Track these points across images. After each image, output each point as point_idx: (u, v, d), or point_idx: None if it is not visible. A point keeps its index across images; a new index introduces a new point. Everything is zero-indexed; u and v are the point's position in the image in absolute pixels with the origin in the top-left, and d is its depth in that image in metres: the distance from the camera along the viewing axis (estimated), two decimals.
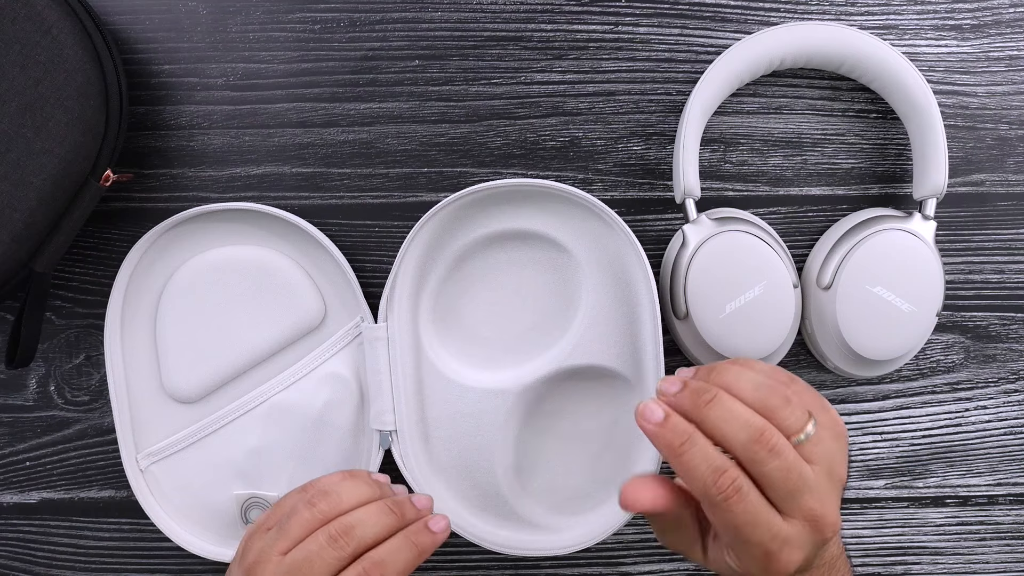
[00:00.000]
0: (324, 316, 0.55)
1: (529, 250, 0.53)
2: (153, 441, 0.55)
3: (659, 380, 0.42)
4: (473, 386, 0.53)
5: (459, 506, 0.54)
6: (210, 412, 0.55)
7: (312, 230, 0.52)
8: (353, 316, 0.54)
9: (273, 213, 0.53)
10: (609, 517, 0.53)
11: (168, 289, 0.54)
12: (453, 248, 0.53)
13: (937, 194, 0.50)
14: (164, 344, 0.54)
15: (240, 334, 0.54)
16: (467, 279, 0.54)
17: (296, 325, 0.54)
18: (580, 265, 0.52)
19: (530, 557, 0.56)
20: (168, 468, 0.55)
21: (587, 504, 0.54)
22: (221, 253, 0.54)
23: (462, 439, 0.53)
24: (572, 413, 0.54)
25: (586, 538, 0.53)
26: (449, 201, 0.51)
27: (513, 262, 0.53)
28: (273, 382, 0.54)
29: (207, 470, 0.55)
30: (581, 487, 0.55)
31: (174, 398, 0.55)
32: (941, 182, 0.49)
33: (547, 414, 0.54)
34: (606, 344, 0.52)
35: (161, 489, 0.55)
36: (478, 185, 0.51)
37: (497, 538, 0.54)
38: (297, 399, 0.54)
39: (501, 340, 0.54)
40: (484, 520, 0.54)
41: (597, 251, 0.52)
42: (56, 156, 0.47)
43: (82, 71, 0.47)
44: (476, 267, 0.54)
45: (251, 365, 0.55)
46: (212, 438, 0.55)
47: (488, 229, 0.52)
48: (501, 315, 0.54)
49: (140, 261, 0.54)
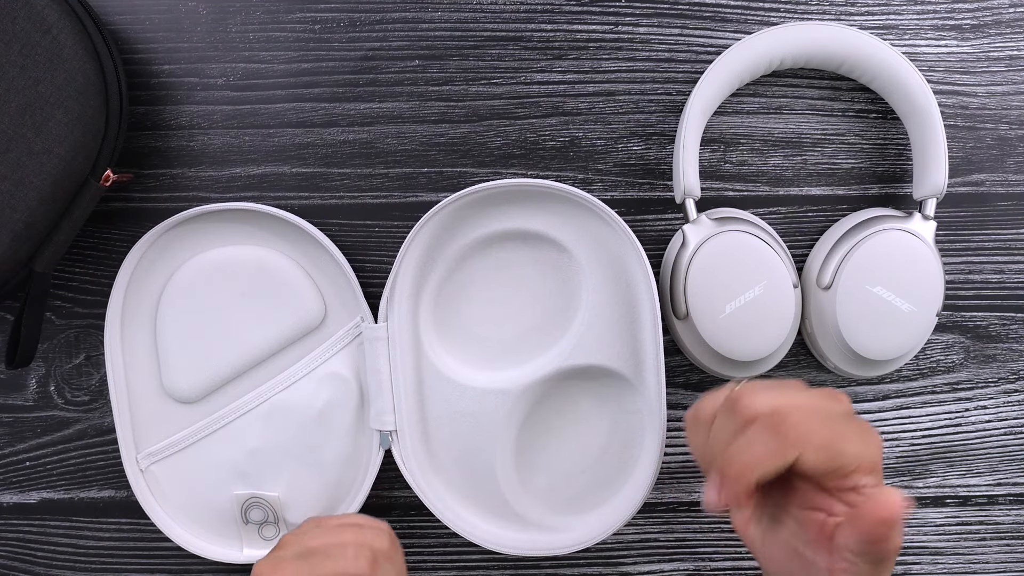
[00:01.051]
0: (324, 316, 0.55)
1: (529, 250, 0.53)
2: (153, 441, 0.55)
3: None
4: (473, 386, 0.53)
5: (459, 506, 0.54)
6: (210, 412, 0.55)
7: (312, 230, 0.52)
8: (353, 316, 0.54)
9: (273, 213, 0.53)
10: (609, 517, 0.53)
11: (168, 289, 0.54)
12: (453, 248, 0.53)
13: (937, 194, 0.50)
14: (164, 344, 0.54)
15: (240, 334, 0.54)
16: (467, 279, 0.54)
17: (296, 325, 0.54)
18: (580, 265, 0.52)
19: (530, 557, 0.56)
20: (168, 468, 0.55)
21: (587, 504, 0.54)
22: (221, 253, 0.54)
23: (462, 439, 0.53)
24: (572, 413, 0.54)
25: (586, 538, 0.53)
26: (449, 201, 0.51)
27: (513, 262, 0.53)
28: (273, 382, 0.54)
29: (207, 470, 0.55)
30: (581, 487, 0.55)
31: (174, 398, 0.55)
32: (941, 182, 0.49)
33: (547, 414, 0.54)
34: (606, 344, 0.52)
35: (161, 489, 0.55)
36: (478, 185, 0.51)
37: (497, 538, 0.54)
38: (297, 399, 0.54)
39: (501, 340, 0.54)
40: (484, 520, 0.54)
41: (597, 251, 0.52)
42: (56, 156, 0.47)
43: (82, 71, 0.47)
44: (476, 267, 0.53)
45: (251, 365, 0.55)
46: (212, 438, 0.55)
47: (488, 229, 0.52)
48: (501, 315, 0.54)
49: (140, 261, 0.54)
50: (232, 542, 0.55)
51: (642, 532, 0.56)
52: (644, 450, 0.53)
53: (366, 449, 0.55)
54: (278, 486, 0.55)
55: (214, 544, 0.55)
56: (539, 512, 0.54)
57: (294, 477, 0.54)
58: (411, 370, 0.53)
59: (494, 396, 0.53)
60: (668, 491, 0.56)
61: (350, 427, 0.54)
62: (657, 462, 0.51)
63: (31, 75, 0.47)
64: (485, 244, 0.53)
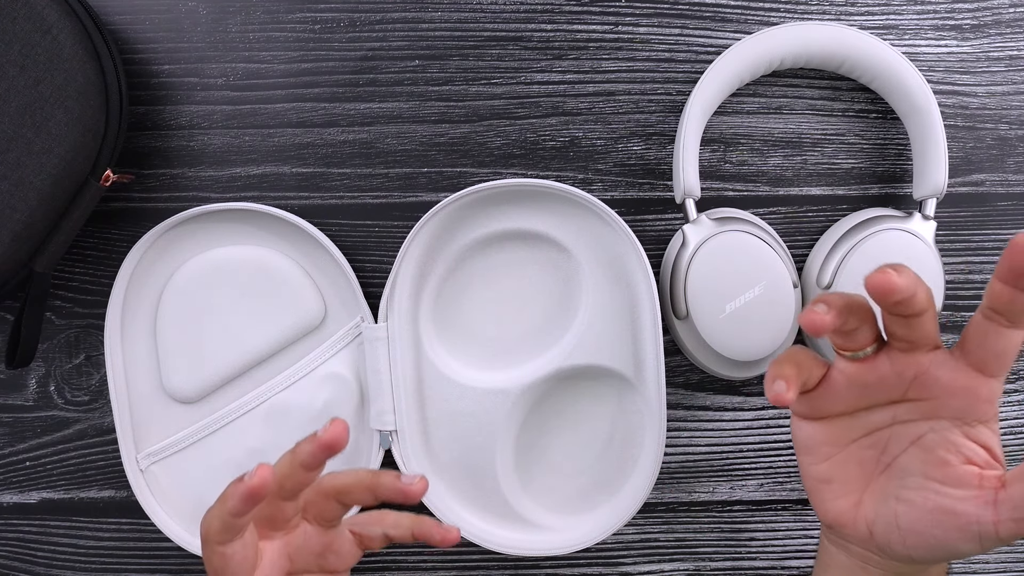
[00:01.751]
0: (324, 316, 0.55)
1: (529, 250, 0.53)
2: (153, 441, 0.55)
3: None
4: (473, 386, 0.53)
5: (459, 506, 0.54)
6: (210, 412, 0.55)
7: (312, 230, 0.52)
8: (353, 316, 0.54)
9: (273, 213, 0.53)
10: (609, 517, 0.53)
11: (168, 289, 0.54)
12: (453, 248, 0.53)
13: (937, 194, 0.50)
14: (164, 344, 0.54)
15: (240, 334, 0.54)
16: (467, 279, 0.54)
17: (296, 325, 0.54)
18: (580, 265, 0.52)
19: (530, 557, 0.56)
20: (168, 468, 0.55)
21: (587, 504, 0.54)
22: (221, 253, 0.54)
23: (462, 439, 0.53)
24: (572, 413, 0.54)
25: (586, 538, 0.53)
26: (449, 201, 0.51)
27: (513, 262, 0.53)
28: (273, 382, 0.54)
29: (207, 470, 0.55)
30: (581, 487, 0.55)
31: (174, 398, 0.55)
32: (941, 182, 0.49)
33: (547, 414, 0.54)
34: (606, 344, 0.52)
35: (161, 489, 0.55)
36: (478, 185, 0.51)
37: (497, 538, 0.54)
38: (297, 399, 0.54)
39: (501, 340, 0.54)
40: (484, 520, 0.54)
41: (597, 251, 0.52)
42: (56, 156, 0.47)
43: (82, 71, 0.47)
44: (476, 267, 0.53)
45: (251, 365, 0.55)
46: (212, 438, 0.55)
47: (488, 229, 0.52)
48: (501, 315, 0.54)
49: (140, 261, 0.54)
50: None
51: (642, 532, 0.56)
52: (644, 450, 0.53)
53: (366, 449, 0.55)
54: None
55: None
56: (539, 512, 0.54)
57: None
58: (411, 370, 0.53)
59: (494, 396, 0.53)
60: (668, 491, 0.56)
61: (350, 427, 0.54)
62: (657, 462, 0.51)
63: (31, 75, 0.47)
64: (485, 244, 0.53)
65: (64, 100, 0.47)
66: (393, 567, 0.57)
